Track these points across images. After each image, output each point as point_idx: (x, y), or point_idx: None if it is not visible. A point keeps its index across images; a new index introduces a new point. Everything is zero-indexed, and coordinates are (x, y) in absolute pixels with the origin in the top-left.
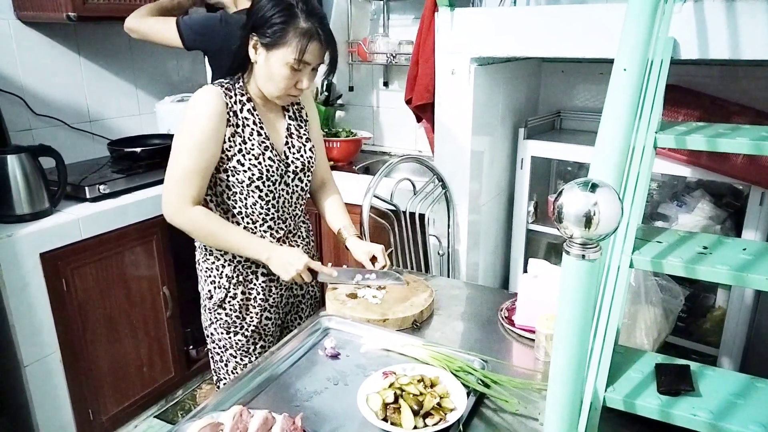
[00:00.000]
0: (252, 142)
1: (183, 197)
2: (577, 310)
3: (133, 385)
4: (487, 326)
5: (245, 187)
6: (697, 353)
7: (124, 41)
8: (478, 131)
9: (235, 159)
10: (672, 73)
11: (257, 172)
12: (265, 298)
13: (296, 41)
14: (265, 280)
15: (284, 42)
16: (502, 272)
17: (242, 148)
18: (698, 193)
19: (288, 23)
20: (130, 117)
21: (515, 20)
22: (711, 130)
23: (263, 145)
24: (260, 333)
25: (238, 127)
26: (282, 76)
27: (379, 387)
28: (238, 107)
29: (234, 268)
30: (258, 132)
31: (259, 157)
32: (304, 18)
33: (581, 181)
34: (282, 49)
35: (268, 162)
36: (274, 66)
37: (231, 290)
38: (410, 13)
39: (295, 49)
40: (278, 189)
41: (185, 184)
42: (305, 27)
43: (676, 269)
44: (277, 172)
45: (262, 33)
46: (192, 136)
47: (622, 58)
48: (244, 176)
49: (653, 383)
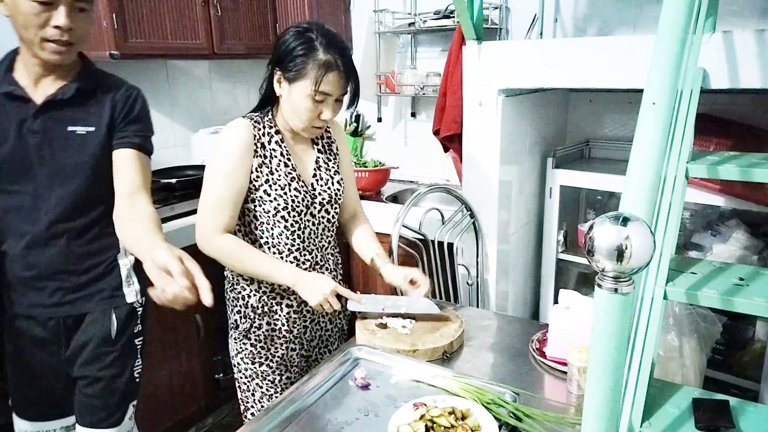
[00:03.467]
0: (279, 172)
1: (214, 226)
2: (611, 344)
3: (164, 412)
4: (517, 358)
5: (271, 217)
6: (737, 388)
7: (162, 76)
8: (505, 161)
9: (261, 189)
10: (703, 102)
11: (283, 203)
12: (290, 329)
13: (314, 72)
14: (290, 311)
15: (304, 74)
16: (532, 302)
17: (269, 179)
18: (733, 223)
19: (308, 56)
20: (166, 149)
21: (542, 52)
22: (744, 159)
23: (290, 176)
24: (286, 364)
25: (265, 158)
26: (304, 108)
27: (409, 418)
28: (266, 139)
29: (259, 299)
30: (285, 163)
31: (285, 187)
32: (323, 50)
33: (612, 214)
34: (302, 82)
35: (294, 193)
36: (296, 98)
37: (256, 321)
38: (437, 45)
39: (314, 80)
40: (304, 220)
41: (216, 213)
42: (324, 59)
43: (711, 301)
44: (303, 203)
45: (284, 67)
46: (221, 166)
47: (650, 92)
48: (270, 206)
49: (691, 419)
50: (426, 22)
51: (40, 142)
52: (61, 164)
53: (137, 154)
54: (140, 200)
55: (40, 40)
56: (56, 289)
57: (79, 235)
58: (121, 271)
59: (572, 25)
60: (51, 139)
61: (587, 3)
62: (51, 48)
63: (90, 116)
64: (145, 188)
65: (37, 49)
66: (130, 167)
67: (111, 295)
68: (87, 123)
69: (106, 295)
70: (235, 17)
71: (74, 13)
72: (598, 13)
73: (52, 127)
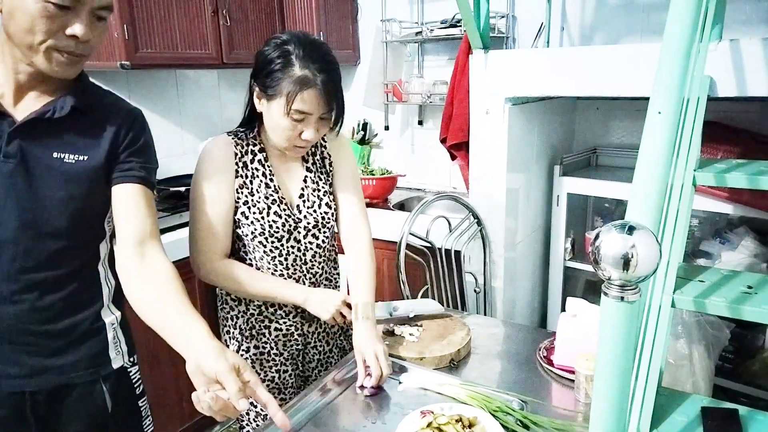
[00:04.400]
0: (258, 194)
1: (210, 253)
2: (618, 352)
3: (172, 420)
4: (525, 366)
5: (249, 240)
6: (746, 396)
7: (171, 85)
8: (513, 169)
9: (239, 211)
10: (710, 110)
11: (260, 227)
12: (279, 351)
13: (289, 89)
14: (278, 335)
15: (279, 91)
16: (540, 310)
17: (248, 200)
18: (741, 230)
19: (283, 71)
20: (174, 157)
21: (549, 61)
22: (752, 167)
23: (270, 198)
24: (279, 387)
25: (246, 177)
26: (282, 127)
27: (417, 426)
28: (249, 157)
29: (246, 321)
30: (267, 184)
31: (263, 211)
32: (300, 65)
33: (618, 223)
34: (278, 99)
35: (272, 217)
36: (274, 116)
37: (243, 343)
38: (444, 54)
39: (288, 98)
40: (287, 246)
41: (209, 240)
42: (300, 75)
43: (720, 309)
44: (283, 228)
45: (261, 82)
46: (203, 190)
47: (656, 101)
48: (247, 230)
49: (699, 428)
50: (433, 31)
51: (12, 169)
52: (39, 198)
53: (144, 190)
54: (153, 252)
55: (47, 49)
56: (23, 354)
57: (56, 288)
58: (107, 331)
59: (579, 33)
60: (29, 166)
61: (594, 11)
62: (59, 59)
63: (82, 141)
64: (157, 235)
65: (38, 58)
66: (137, 207)
67: (95, 363)
68: (78, 150)
69: (89, 363)
70: (243, 27)
71: (93, 21)
72: (605, 22)
73: (31, 151)
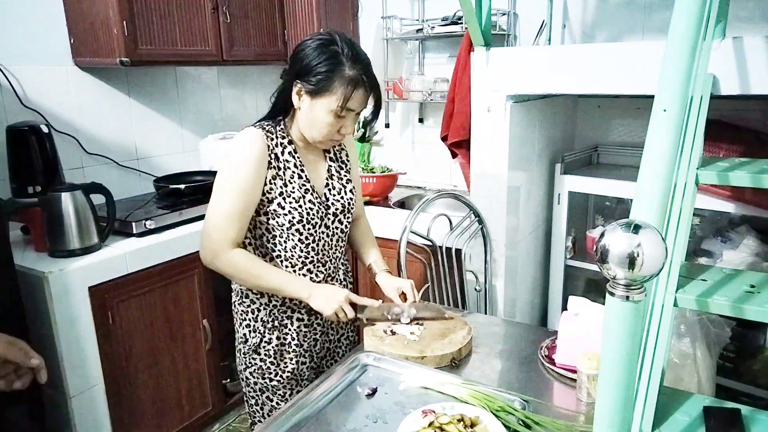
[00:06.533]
0: (293, 184)
1: (223, 239)
2: (622, 352)
3: (172, 418)
4: (526, 365)
5: (285, 230)
6: (748, 396)
7: (171, 83)
8: (514, 167)
9: (275, 202)
10: (713, 108)
11: (297, 216)
12: (300, 343)
13: (342, 89)
14: (300, 325)
15: (329, 90)
16: (541, 308)
17: (283, 191)
18: (743, 229)
19: (334, 71)
20: (174, 155)
21: (550, 58)
22: (755, 165)
23: (304, 187)
24: (296, 378)
25: (279, 169)
26: (326, 123)
27: (418, 425)
28: (279, 150)
29: (269, 312)
30: (299, 174)
31: (299, 200)
32: (349, 65)
33: (624, 222)
34: (327, 97)
35: (308, 205)
36: (318, 113)
37: (266, 335)
38: (445, 51)
39: (341, 97)
40: (318, 232)
41: (226, 226)
42: (351, 75)
43: (722, 309)
44: (317, 214)
45: (306, 81)
46: (234, 179)
47: (661, 99)
48: (284, 219)
49: (701, 427)
50: (434, 29)
51: None
52: None
53: None
54: None
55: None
56: None
57: None
58: None
59: (580, 31)
60: None
61: (595, 9)
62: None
63: None
64: None
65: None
66: None
67: None
68: None
69: None
70: (244, 24)
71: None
72: (607, 19)
73: None
